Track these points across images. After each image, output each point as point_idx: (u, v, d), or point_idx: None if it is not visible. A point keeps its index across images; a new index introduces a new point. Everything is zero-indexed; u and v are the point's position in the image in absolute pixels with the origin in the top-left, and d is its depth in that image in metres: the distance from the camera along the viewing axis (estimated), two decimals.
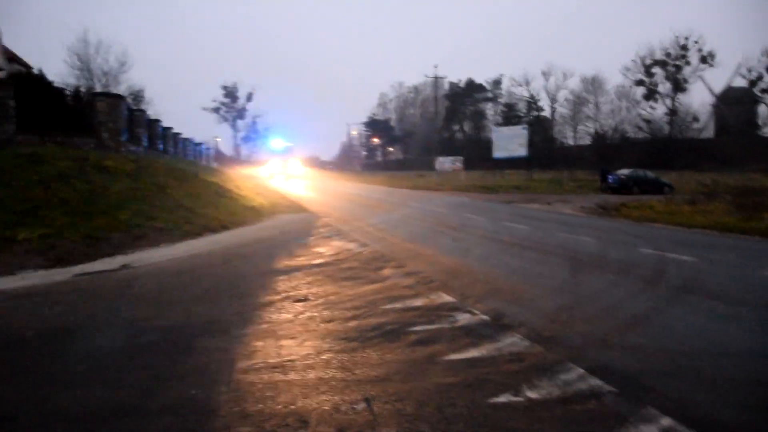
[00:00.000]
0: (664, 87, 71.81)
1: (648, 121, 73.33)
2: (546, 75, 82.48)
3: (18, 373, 4.86)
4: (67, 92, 18.13)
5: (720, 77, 74.63)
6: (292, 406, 3.97)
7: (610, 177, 35.43)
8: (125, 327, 6.15)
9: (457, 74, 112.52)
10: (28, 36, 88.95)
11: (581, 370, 4.47)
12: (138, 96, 61.87)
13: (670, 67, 70.40)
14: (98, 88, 49.29)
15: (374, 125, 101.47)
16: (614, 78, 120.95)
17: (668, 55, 70.03)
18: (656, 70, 71.44)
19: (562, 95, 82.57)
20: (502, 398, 4.03)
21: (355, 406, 3.95)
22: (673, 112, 71.29)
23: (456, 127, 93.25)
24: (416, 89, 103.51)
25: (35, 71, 23.77)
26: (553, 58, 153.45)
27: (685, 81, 70.21)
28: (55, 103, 16.93)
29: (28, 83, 17.55)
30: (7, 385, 4.60)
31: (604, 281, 7.99)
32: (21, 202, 11.31)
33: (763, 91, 65.01)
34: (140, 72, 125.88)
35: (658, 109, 73.21)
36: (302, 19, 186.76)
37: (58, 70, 56.85)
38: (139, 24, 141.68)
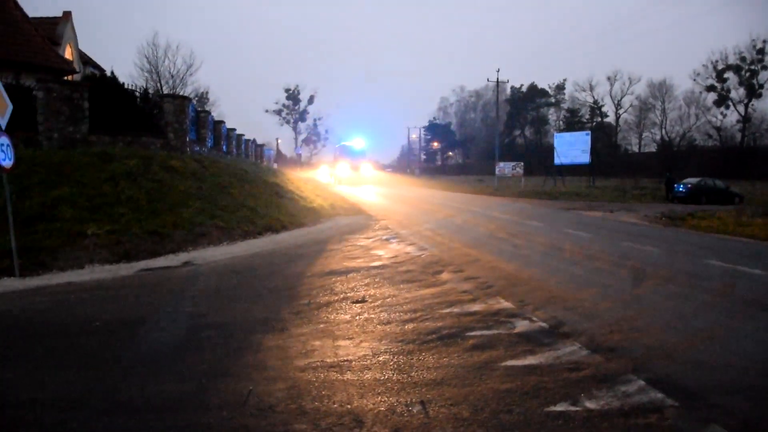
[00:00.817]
0: (737, 93, 69.33)
1: (718, 129, 70.88)
2: (611, 80, 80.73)
3: (87, 362, 5.05)
4: (137, 94, 18.70)
5: None
6: (348, 406, 4.00)
7: (676, 186, 34.34)
8: (186, 322, 6.32)
9: (519, 79, 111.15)
10: (101, 40, 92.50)
11: (642, 382, 4.35)
12: (203, 97, 63.65)
13: (744, 72, 67.88)
14: (166, 90, 50.92)
15: (434, 129, 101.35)
16: (684, 83, 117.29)
17: (743, 59, 67.57)
18: (729, 75, 69.01)
19: (627, 101, 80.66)
20: (560, 407, 3.97)
21: (410, 408, 3.95)
22: (746, 119, 68.66)
23: (517, 132, 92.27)
24: (477, 94, 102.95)
25: (107, 74, 24.74)
26: (619, 63, 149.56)
27: (761, 86, 67.56)
28: (126, 104, 17.50)
29: (100, 85, 18.22)
30: (76, 372, 4.78)
31: (667, 293, 7.75)
32: (91, 199, 11.75)
33: None
34: (206, 74, 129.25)
35: (730, 116, 70.72)
36: (364, 23, 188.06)
37: (129, 72, 59.20)
38: (206, 27, 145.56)
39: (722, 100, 69.85)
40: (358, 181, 44.56)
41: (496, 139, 58.07)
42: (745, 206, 27.70)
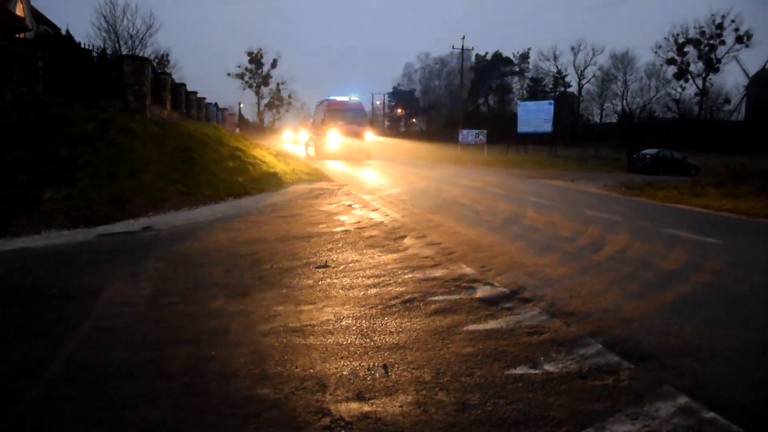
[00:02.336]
0: (696, 67, 70.48)
1: (677, 101, 72.12)
2: (575, 50, 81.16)
3: (43, 330, 4.96)
4: (94, 54, 18.12)
5: (756, 59, 72.72)
6: (311, 370, 4.01)
7: (635, 156, 34.97)
8: (146, 288, 6.24)
9: (484, 47, 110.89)
10: None
11: (599, 346, 4.45)
12: (164, 60, 62.15)
13: (703, 47, 68.93)
14: (124, 51, 49.49)
15: (398, 95, 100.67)
16: (645, 56, 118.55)
17: (702, 33, 68.59)
18: (689, 49, 69.99)
19: (590, 71, 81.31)
20: (520, 370, 4.04)
21: (373, 372, 3.98)
22: (703, 92, 69.96)
23: (481, 101, 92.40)
24: (442, 61, 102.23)
25: (62, 32, 23.88)
26: (583, 34, 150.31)
27: (719, 61, 68.79)
28: (82, 65, 16.95)
29: (55, 44, 17.63)
30: (32, 341, 4.69)
31: (624, 259, 7.91)
32: (47, 163, 11.44)
33: None
34: (166, 36, 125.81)
35: (689, 89, 71.95)
36: None
37: (86, 32, 57.24)
38: None
39: (681, 74, 70.96)
40: (357, 154, 29.69)
41: (459, 107, 58.08)
42: (700, 177, 28.38)
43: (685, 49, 70.16)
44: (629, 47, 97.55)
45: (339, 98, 31.77)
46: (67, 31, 22.47)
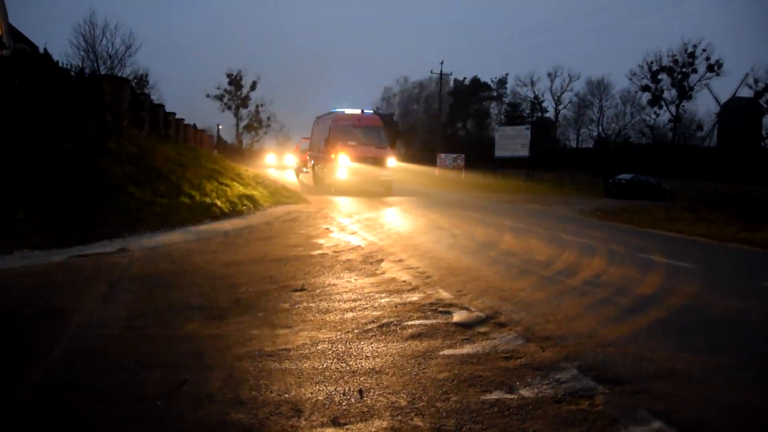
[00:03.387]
0: (670, 94, 71.87)
1: (652, 127, 73.38)
2: (552, 76, 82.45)
3: (14, 353, 4.87)
4: (72, 73, 18.05)
5: (727, 87, 74.39)
6: (286, 395, 3.98)
7: (611, 181, 35.46)
8: (120, 310, 6.15)
9: (462, 72, 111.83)
10: (35, 15, 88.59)
11: (575, 370, 4.48)
12: (143, 80, 61.96)
13: (676, 74, 70.35)
14: (103, 71, 49.28)
15: None
16: (620, 82, 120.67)
17: (675, 61, 70.05)
18: (663, 76, 71.41)
19: (566, 97, 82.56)
20: (495, 395, 4.05)
21: (349, 397, 3.96)
22: (677, 119, 71.28)
23: (459, 125, 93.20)
24: (421, 85, 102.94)
25: (41, 51, 23.75)
26: (560, 60, 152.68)
27: (691, 89, 70.21)
28: (60, 84, 16.88)
29: (33, 63, 17.52)
30: (1, 364, 4.60)
31: (600, 284, 7.99)
32: (21, 182, 11.29)
33: None
34: (146, 56, 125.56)
35: (663, 116, 73.28)
36: (308, 12, 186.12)
37: (64, 51, 56.84)
38: (146, 8, 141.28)
39: (656, 100, 72.32)
40: (374, 186, 23.19)
41: (438, 131, 58.51)
42: (675, 202, 28.83)
43: (659, 76, 71.59)
44: (605, 74, 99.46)
45: (349, 111, 23.80)
46: (45, 50, 22.45)
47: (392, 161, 23.02)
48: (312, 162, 27.56)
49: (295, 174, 32.65)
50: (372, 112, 25.27)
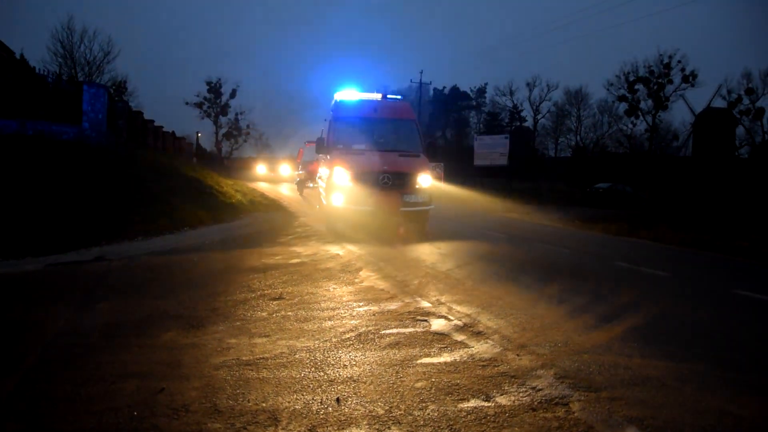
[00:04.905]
0: (646, 104, 72.69)
1: (629, 137, 74.22)
2: (530, 86, 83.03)
3: None
4: (49, 80, 17.89)
5: (701, 97, 75.60)
6: (264, 404, 3.97)
7: (589, 190, 35.86)
8: (96, 319, 6.10)
9: (442, 81, 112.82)
10: (11, 20, 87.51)
11: (551, 378, 4.52)
12: (121, 87, 61.28)
13: (652, 85, 71.24)
14: (81, 77, 48.77)
15: None
16: (598, 92, 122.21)
17: (651, 72, 70.83)
18: (639, 86, 72.26)
19: (545, 107, 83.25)
20: (472, 403, 4.07)
21: (326, 406, 3.96)
22: (653, 129, 72.17)
23: (438, 134, 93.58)
24: (401, 94, 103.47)
25: (17, 56, 23.51)
26: (539, 70, 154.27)
27: (667, 99, 71.09)
28: (36, 89, 16.72)
29: (8, 68, 17.34)
30: None
31: (577, 292, 8.06)
32: None
33: (742, 113, 66.09)
34: (124, 63, 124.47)
35: (639, 126, 74.10)
36: (287, 20, 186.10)
37: (41, 57, 56.15)
38: (125, 14, 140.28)
39: (632, 110, 73.05)
40: (401, 220, 13.91)
41: None
42: (651, 210, 29.18)
43: (636, 86, 72.36)
44: (583, 84, 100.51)
45: (362, 94, 15.15)
46: (22, 56, 22.19)
47: (427, 179, 13.38)
48: (320, 174, 17.46)
49: (297, 190, 25.76)
50: (400, 98, 15.58)
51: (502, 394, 4.22)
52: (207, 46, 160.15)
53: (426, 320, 6.19)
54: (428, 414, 3.88)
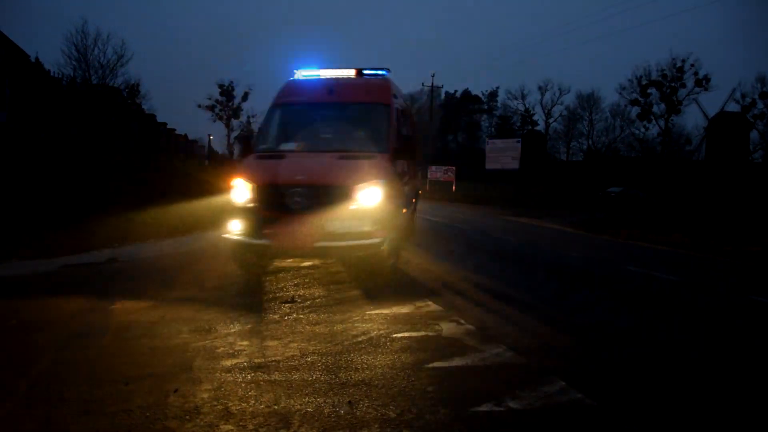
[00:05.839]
0: (659, 108, 72.34)
1: (641, 141, 73.87)
2: (542, 90, 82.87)
3: None
4: (63, 83, 18.05)
5: (715, 101, 75.07)
6: (275, 407, 3.98)
7: (601, 194, 35.71)
8: (109, 320, 6.14)
9: (454, 84, 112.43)
10: (27, 24, 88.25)
11: (563, 383, 4.49)
12: (134, 90, 61.58)
13: (665, 89, 70.89)
14: (95, 80, 49.10)
15: None
16: (610, 96, 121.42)
17: (664, 76, 70.51)
18: (652, 90, 71.91)
19: (557, 110, 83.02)
20: (484, 407, 4.05)
21: (338, 409, 3.96)
22: (666, 133, 71.78)
23: (450, 137, 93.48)
24: (412, 98, 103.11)
25: (32, 60, 23.73)
26: (550, 74, 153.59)
27: (680, 103, 70.71)
28: (51, 92, 16.88)
29: (24, 72, 17.52)
30: None
31: (588, 296, 8.04)
32: (7, 193, 11.27)
33: (756, 117, 65.63)
34: (137, 66, 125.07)
35: (652, 129, 73.74)
36: (299, 22, 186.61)
37: (56, 60, 56.51)
38: (138, 17, 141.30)
39: (645, 114, 72.72)
40: (347, 251, 8.01)
41: (428, 143, 58.61)
42: (663, 215, 28.98)
43: (648, 90, 72.02)
44: (594, 88, 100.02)
45: (328, 72, 10.36)
46: (37, 59, 22.40)
47: (375, 194, 7.85)
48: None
49: None
50: (383, 73, 10.40)
51: (513, 399, 4.17)
52: (219, 49, 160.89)
53: (438, 324, 6.18)
54: (440, 418, 3.86)
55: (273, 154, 8.83)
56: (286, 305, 6.90)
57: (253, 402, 4.05)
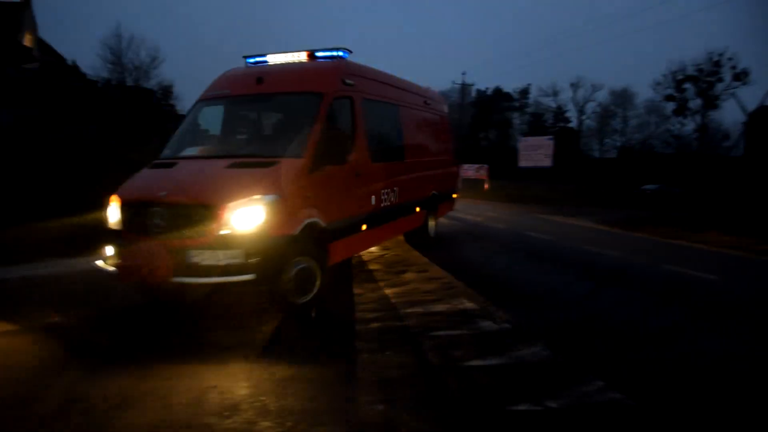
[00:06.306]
0: (695, 103, 71.00)
1: (677, 137, 72.62)
2: (575, 87, 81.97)
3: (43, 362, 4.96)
4: (99, 85, 18.41)
5: (754, 96, 73.48)
6: (312, 404, 4.00)
7: (636, 191, 35.18)
8: (146, 317, 6.24)
9: (485, 82, 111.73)
10: (64, 29, 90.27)
11: (601, 383, 4.43)
12: (167, 91, 62.55)
13: (701, 84, 69.56)
14: (129, 82, 49.95)
15: None
16: (644, 92, 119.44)
17: (700, 71, 69.20)
18: (687, 85, 70.62)
19: (590, 107, 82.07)
20: (522, 407, 4.02)
21: (373, 407, 3.97)
22: (702, 128, 70.44)
23: (482, 135, 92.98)
24: (444, 95, 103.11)
25: (69, 63, 24.25)
26: (583, 70, 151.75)
27: (717, 98, 69.33)
28: (87, 94, 17.21)
29: (61, 74, 17.90)
30: (22, 370, 4.69)
31: (625, 296, 7.92)
32: (45, 191, 11.49)
33: None
34: (170, 68, 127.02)
35: (688, 125, 72.44)
36: (331, 19, 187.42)
37: (92, 63, 57.68)
38: (171, 19, 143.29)
39: (680, 110, 71.47)
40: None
41: (460, 141, 58.34)
42: (700, 213, 28.44)
43: (684, 86, 70.76)
44: (628, 84, 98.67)
45: (276, 56, 8.51)
46: (74, 62, 22.86)
47: (256, 214, 5.93)
48: None
49: None
50: (340, 54, 8.21)
51: (551, 399, 4.14)
52: (251, 50, 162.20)
53: (474, 322, 6.15)
54: (476, 417, 3.86)
55: (167, 162, 7.12)
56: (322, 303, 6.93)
57: (290, 398, 4.08)
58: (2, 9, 24.52)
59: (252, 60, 8.53)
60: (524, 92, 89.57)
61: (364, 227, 7.92)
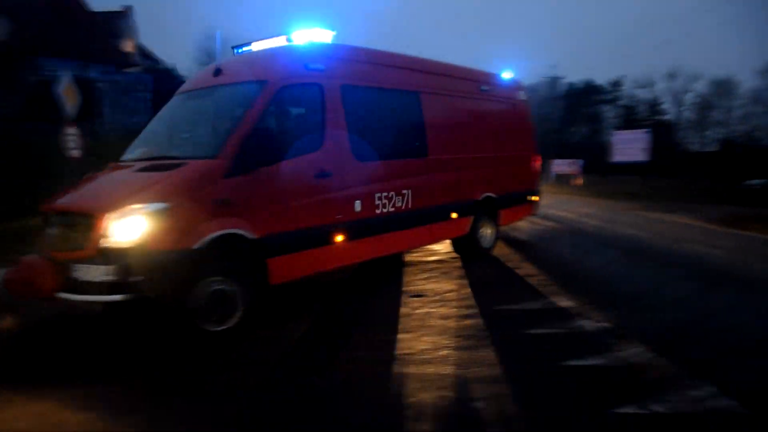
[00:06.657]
0: None
1: None
2: (671, 77, 78.47)
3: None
4: None
5: None
6: (412, 399, 4.03)
7: (739, 187, 33.33)
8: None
9: (575, 74, 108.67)
10: (163, 34, 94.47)
11: (712, 388, 4.20)
12: None
13: None
14: None
15: None
16: (749, 81, 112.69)
17: None
18: None
19: (688, 98, 78.31)
20: (625, 409, 3.88)
21: (470, 404, 3.95)
22: None
23: (573, 129, 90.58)
24: (533, 89, 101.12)
25: (168, 67, 25.36)
26: (680, 59, 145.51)
27: None
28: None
29: (161, 78, 18.76)
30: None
31: (732, 297, 7.50)
32: None
33: None
34: None
35: None
36: (415, 10, 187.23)
37: (188, 67, 60.11)
38: (260, 19, 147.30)
39: None
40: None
41: (550, 136, 57.15)
42: None
43: None
44: (730, 73, 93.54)
45: (258, 44, 7.33)
46: (173, 66, 23.90)
47: (139, 224, 5.11)
48: None
49: None
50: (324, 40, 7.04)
51: (657, 402, 3.97)
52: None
53: (570, 321, 6.01)
54: (576, 418, 3.77)
55: (115, 165, 6.61)
56: (416, 299, 6.95)
57: (385, 394, 4.13)
58: (105, 16, 26.01)
59: (239, 49, 7.56)
60: (617, 84, 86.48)
61: (339, 238, 6.72)
